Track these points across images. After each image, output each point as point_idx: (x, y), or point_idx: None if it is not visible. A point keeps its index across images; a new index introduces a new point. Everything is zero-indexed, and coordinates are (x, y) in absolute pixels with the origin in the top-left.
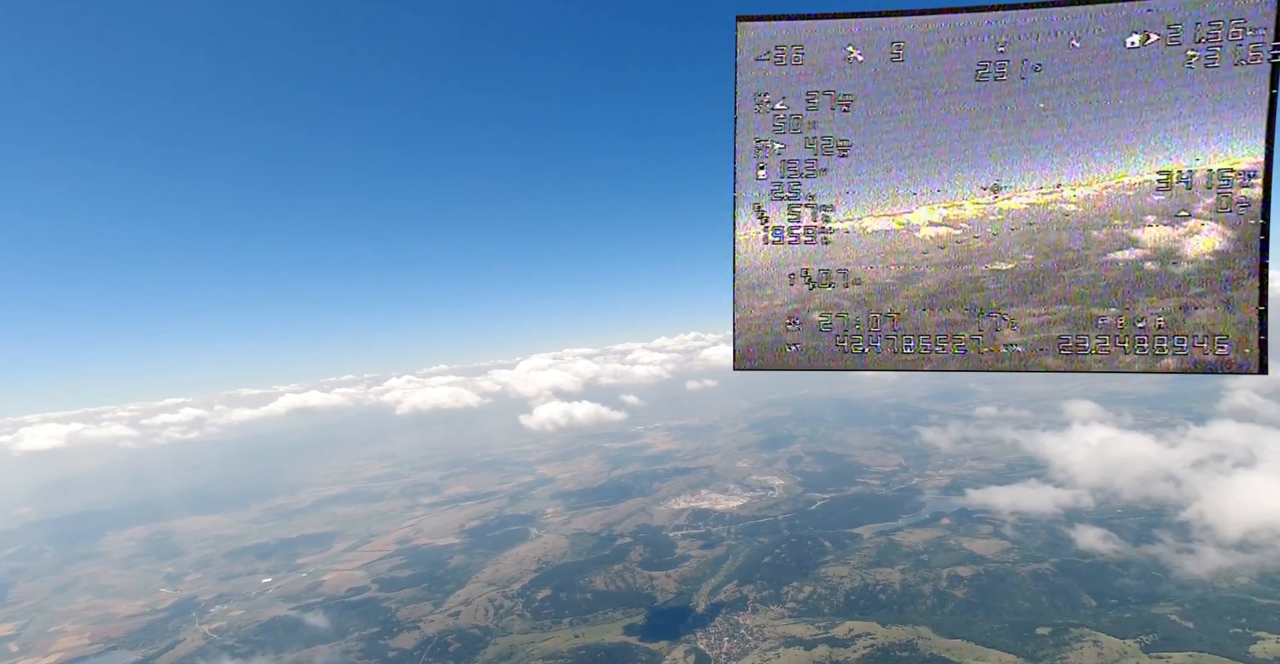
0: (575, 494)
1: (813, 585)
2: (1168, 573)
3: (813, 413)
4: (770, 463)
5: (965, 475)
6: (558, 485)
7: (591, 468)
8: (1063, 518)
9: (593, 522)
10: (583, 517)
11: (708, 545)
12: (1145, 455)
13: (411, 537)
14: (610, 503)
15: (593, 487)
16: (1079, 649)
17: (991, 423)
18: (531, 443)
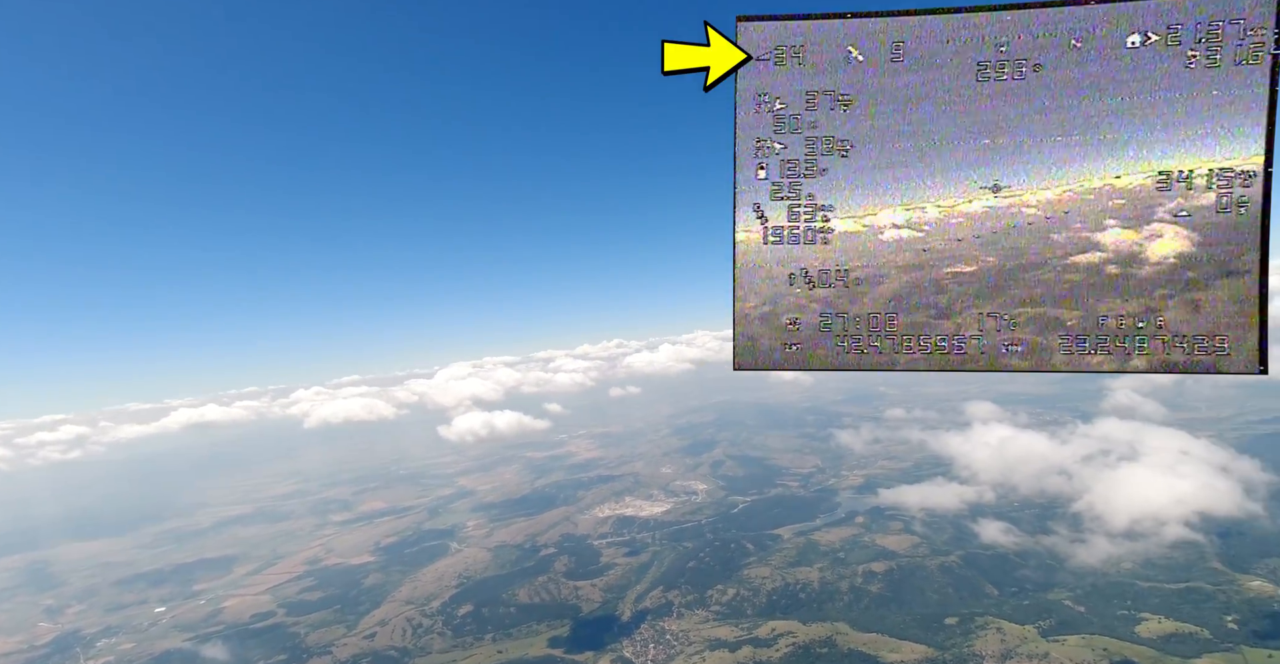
0: (497, 506)
1: (736, 587)
2: (1062, 562)
3: (734, 418)
4: (693, 468)
5: (878, 475)
6: (479, 497)
7: (514, 478)
8: (967, 513)
9: (516, 533)
10: (505, 528)
11: (633, 552)
12: (1040, 452)
13: (322, 556)
14: (534, 513)
15: (515, 497)
16: (983, 637)
17: (900, 424)
18: (451, 454)
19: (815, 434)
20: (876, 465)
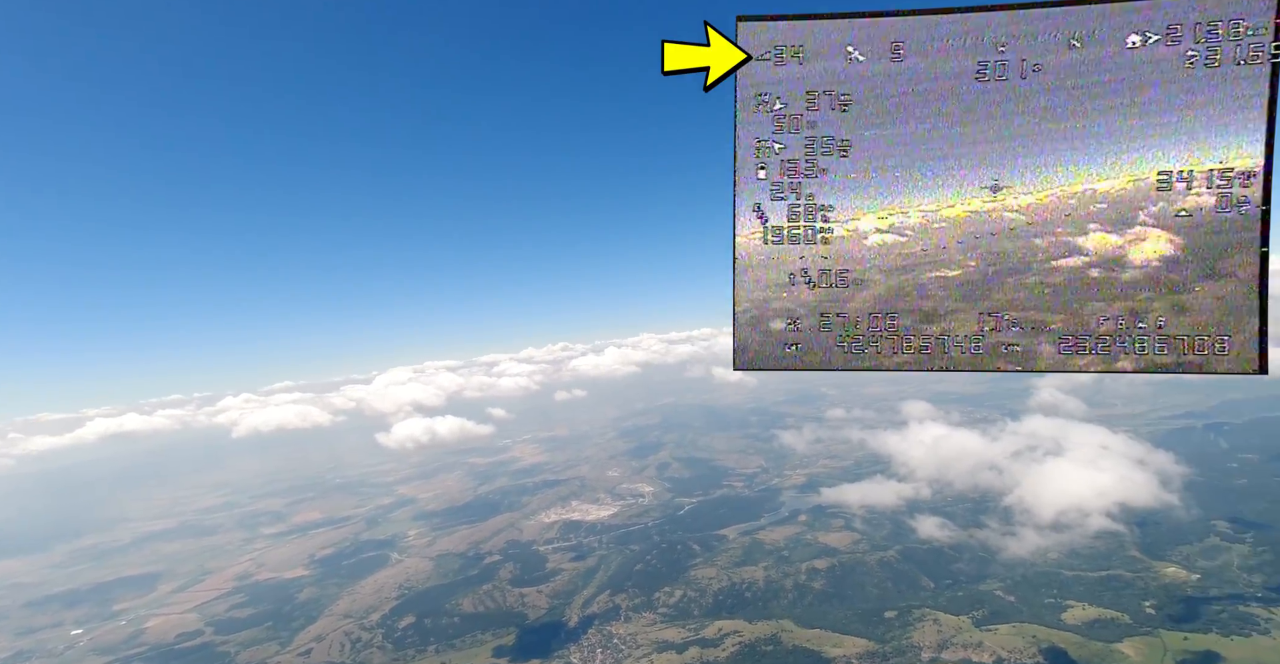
0: (439, 514)
1: (683, 589)
2: (994, 554)
3: (680, 420)
4: (640, 470)
5: (819, 474)
6: (420, 506)
7: (457, 485)
8: (905, 509)
9: (459, 541)
10: (448, 537)
11: (579, 557)
12: (972, 449)
13: (252, 571)
14: (477, 520)
15: (458, 505)
16: (921, 628)
17: (841, 424)
18: (390, 462)
19: (759, 435)
20: (818, 464)
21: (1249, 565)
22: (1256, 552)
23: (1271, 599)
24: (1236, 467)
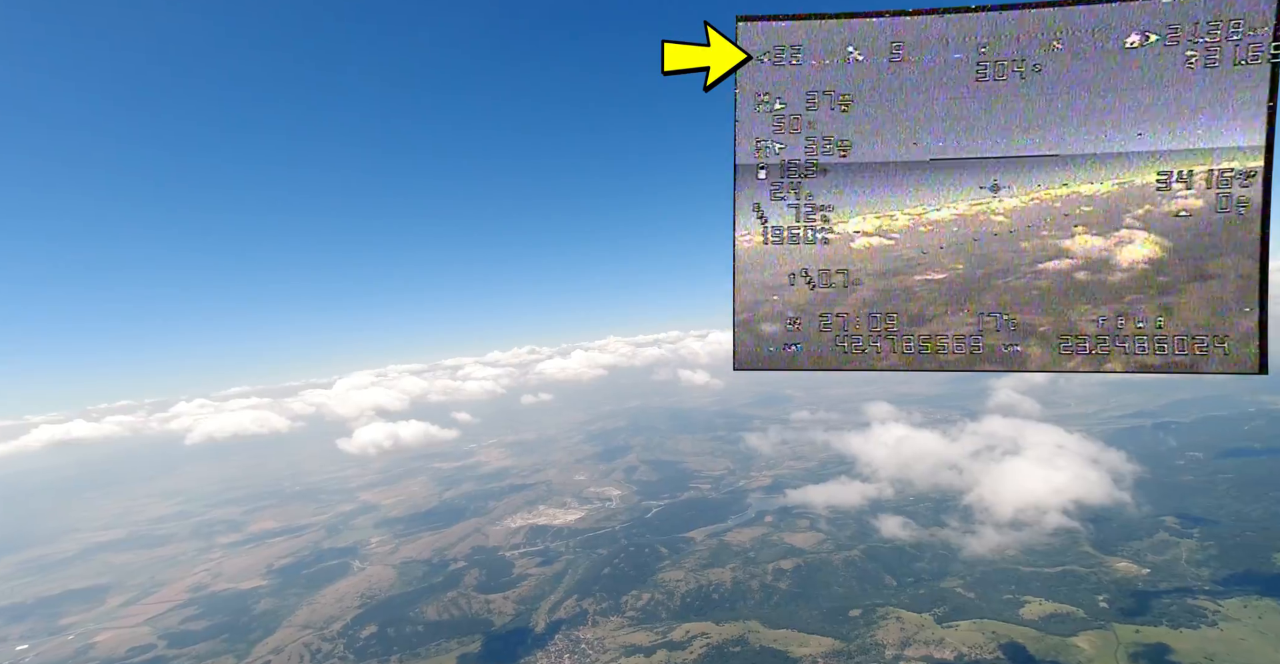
0: (403, 520)
1: (651, 592)
2: (955, 552)
3: (647, 423)
4: (607, 474)
5: (785, 475)
6: (383, 512)
7: (421, 491)
8: (868, 509)
9: (423, 548)
10: (411, 544)
11: (546, 562)
12: (933, 449)
13: (207, 582)
14: (442, 526)
15: (422, 511)
16: (884, 626)
17: (806, 426)
18: (352, 468)
19: (726, 437)
20: (784, 466)
21: (1196, 559)
22: (1203, 546)
23: (1218, 592)
24: (1184, 464)
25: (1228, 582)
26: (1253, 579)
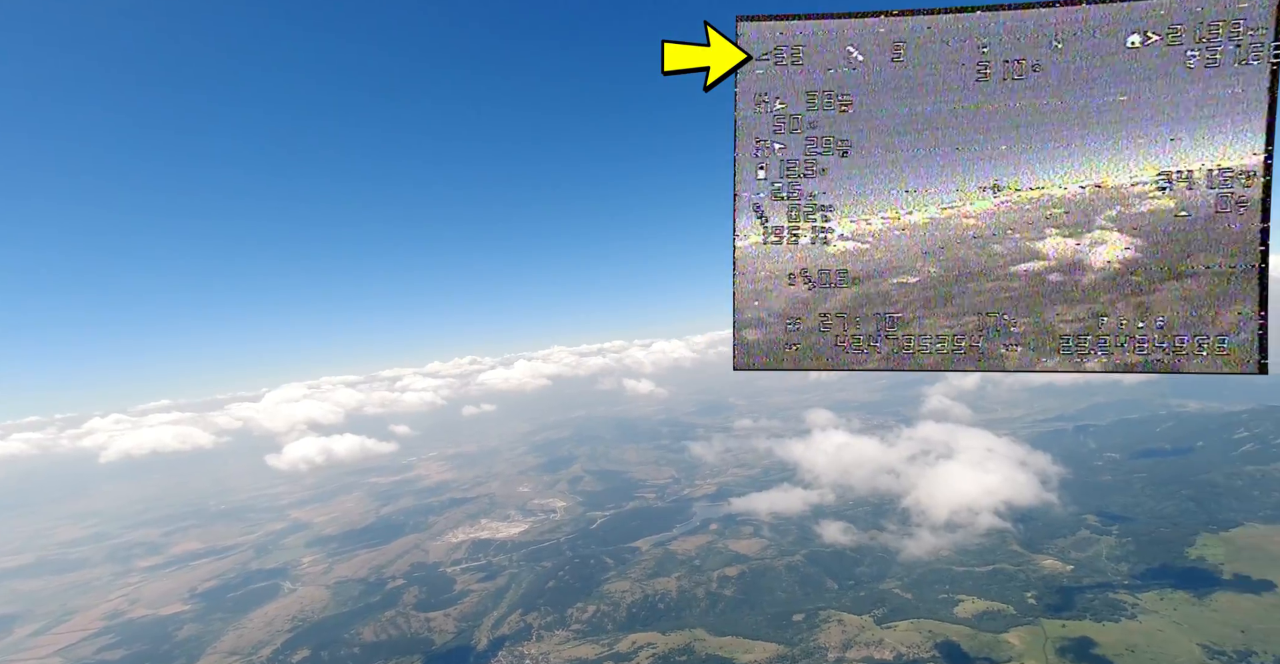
0: (337, 538)
1: (596, 604)
2: (894, 555)
3: (592, 433)
4: (552, 485)
5: (729, 483)
6: (316, 530)
7: (356, 507)
8: (810, 515)
9: (359, 566)
10: (346, 562)
11: (489, 577)
12: (872, 455)
13: (124, 609)
14: (379, 543)
15: (358, 528)
16: (826, 629)
17: (749, 434)
18: (282, 485)
19: (670, 446)
20: (728, 474)
21: (1115, 555)
22: (1121, 542)
23: (1136, 586)
24: (1102, 465)
25: (1145, 576)
26: (1167, 573)
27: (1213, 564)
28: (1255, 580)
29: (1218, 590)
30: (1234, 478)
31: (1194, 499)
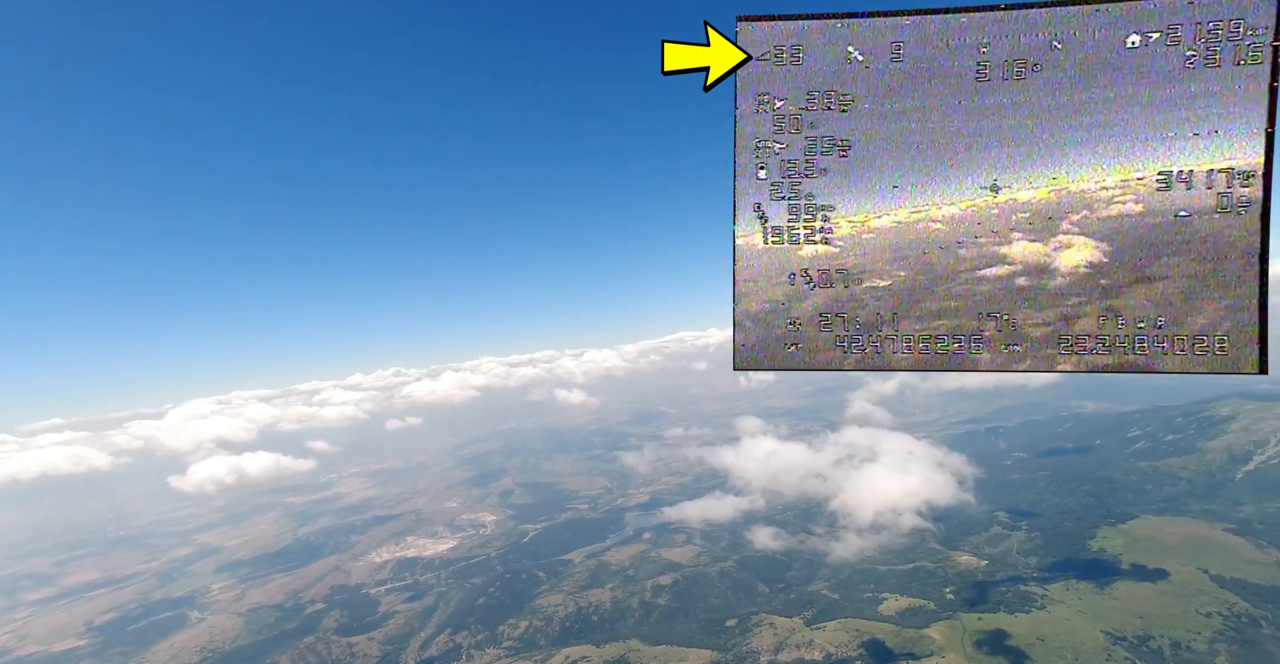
0: (249, 563)
1: (529, 619)
2: (822, 557)
3: (522, 444)
4: (481, 499)
5: (662, 492)
6: (226, 555)
7: (271, 529)
8: (741, 521)
9: (274, 592)
10: (260, 588)
11: (415, 597)
12: (800, 461)
13: (12, 646)
14: (296, 566)
15: (273, 551)
16: (759, 633)
17: (680, 442)
18: (188, 507)
19: (602, 456)
20: (660, 483)
21: (1025, 549)
22: (1030, 537)
23: (1045, 578)
24: (1011, 464)
25: (1052, 568)
26: (1072, 565)
27: (1112, 555)
28: (1150, 569)
29: (1117, 580)
30: (1129, 474)
31: (1094, 494)
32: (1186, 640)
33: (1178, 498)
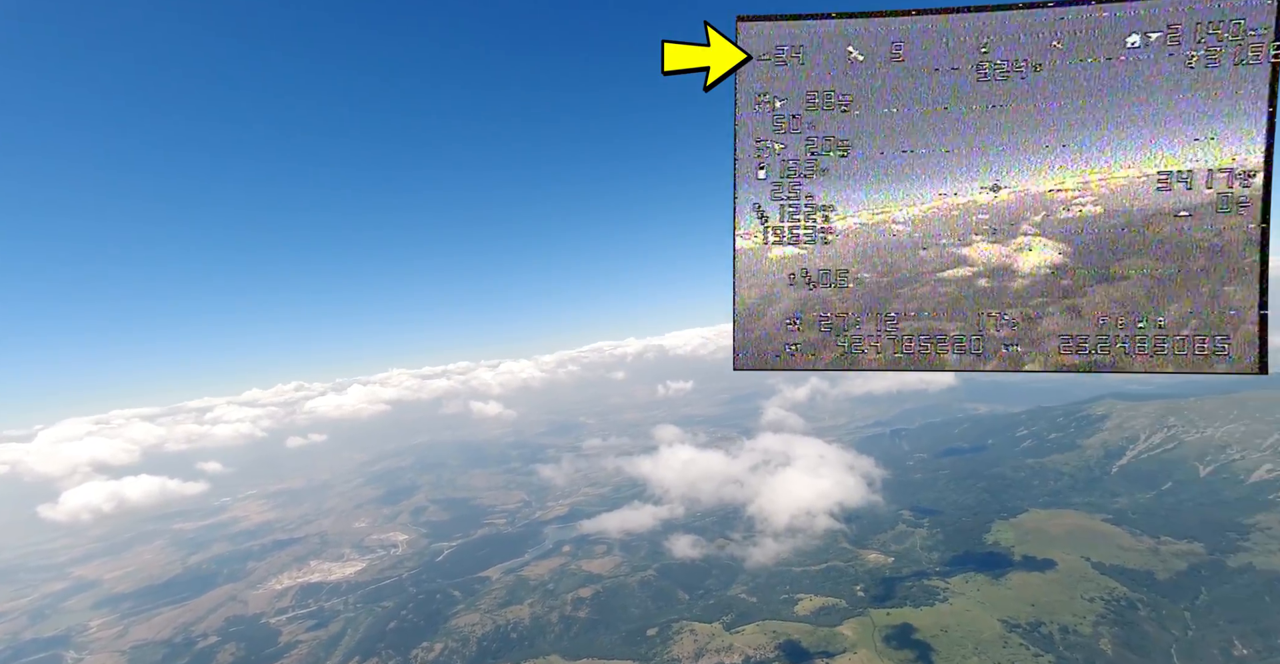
0: (132, 596)
1: (444, 641)
2: (740, 562)
3: (435, 459)
4: (392, 518)
5: (581, 503)
6: (105, 588)
7: (156, 559)
8: (661, 530)
9: (161, 626)
10: (146, 623)
11: (320, 624)
12: (718, 468)
13: None
14: (186, 598)
15: (159, 582)
16: (679, 640)
17: (599, 453)
18: (62, 538)
19: (520, 469)
20: (579, 494)
21: (927, 545)
22: (932, 533)
23: (946, 572)
24: (914, 464)
25: (952, 562)
26: (970, 558)
27: (1005, 548)
28: (1039, 560)
29: (1011, 571)
30: (1018, 470)
31: (988, 491)
32: (1073, 625)
33: (1061, 492)
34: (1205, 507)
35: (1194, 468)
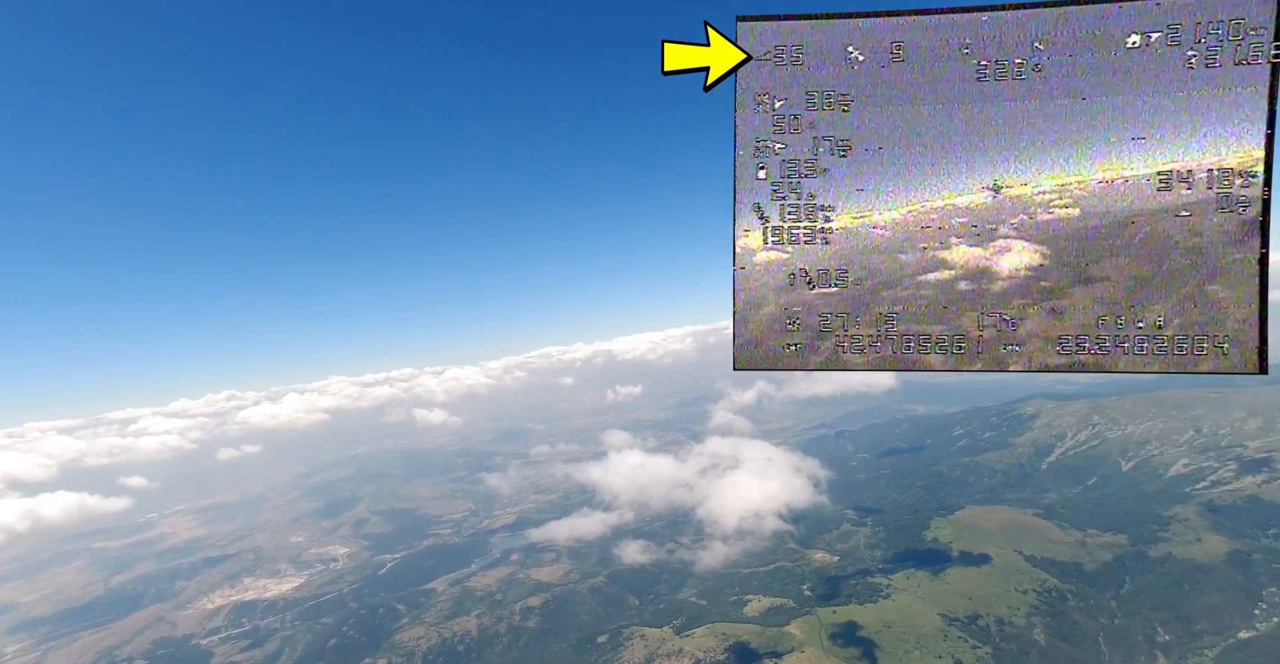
0: (50, 620)
1: (387, 656)
2: (690, 566)
3: (377, 469)
4: (331, 531)
5: (529, 511)
6: (21, 612)
7: (76, 579)
8: (610, 536)
9: (82, 651)
10: (65, 648)
11: (255, 644)
12: (667, 473)
13: None
14: (109, 621)
15: (79, 604)
16: (630, 646)
17: (547, 460)
18: None
19: (466, 478)
20: (527, 502)
21: (870, 543)
22: (875, 532)
23: (888, 569)
24: (857, 465)
25: (894, 559)
26: (910, 555)
27: (944, 544)
28: (975, 554)
29: (949, 566)
30: (955, 468)
31: (927, 489)
32: (1009, 616)
33: (995, 488)
34: (1128, 500)
35: (1117, 463)
